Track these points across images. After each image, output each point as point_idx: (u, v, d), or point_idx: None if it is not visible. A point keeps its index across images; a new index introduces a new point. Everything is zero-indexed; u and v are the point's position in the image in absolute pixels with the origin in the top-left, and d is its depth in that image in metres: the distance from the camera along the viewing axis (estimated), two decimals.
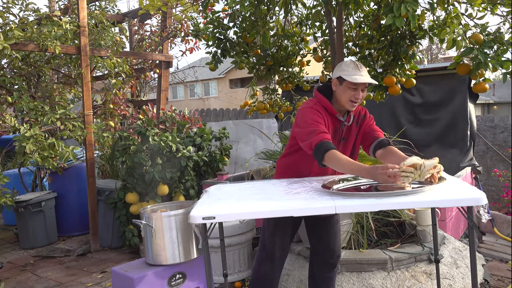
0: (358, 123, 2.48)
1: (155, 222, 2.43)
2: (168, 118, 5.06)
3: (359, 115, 2.49)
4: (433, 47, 27.54)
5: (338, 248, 2.59)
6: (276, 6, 3.63)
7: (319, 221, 2.55)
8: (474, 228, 1.89)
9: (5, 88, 5.04)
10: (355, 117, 2.46)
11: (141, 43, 6.33)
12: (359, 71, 2.29)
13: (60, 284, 3.86)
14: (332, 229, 2.55)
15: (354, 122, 2.46)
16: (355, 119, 2.46)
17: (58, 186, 5.31)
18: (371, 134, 2.45)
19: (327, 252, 2.57)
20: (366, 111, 2.54)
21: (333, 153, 2.13)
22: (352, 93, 2.29)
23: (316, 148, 2.16)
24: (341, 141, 2.45)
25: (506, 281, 3.45)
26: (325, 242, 2.57)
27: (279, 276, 2.55)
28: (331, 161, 2.13)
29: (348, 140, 2.47)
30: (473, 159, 5.06)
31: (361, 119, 2.49)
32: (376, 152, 2.40)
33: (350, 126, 2.45)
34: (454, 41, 2.82)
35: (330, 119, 2.37)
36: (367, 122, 2.49)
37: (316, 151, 2.16)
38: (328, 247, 2.56)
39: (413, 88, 4.99)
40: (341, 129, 2.42)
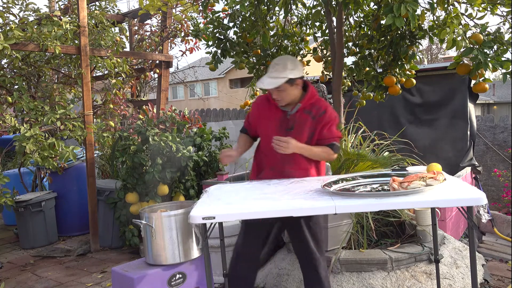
0: (315, 118, 2.49)
1: (155, 222, 2.43)
2: (168, 118, 5.06)
3: (317, 109, 2.50)
4: (433, 47, 27.53)
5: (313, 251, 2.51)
6: (276, 6, 3.64)
7: (289, 226, 2.56)
8: (474, 228, 1.89)
9: (5, 88, 5.04)
10: (311, 111, 2.49)
11: (141, 43, 6.32)
12: (267, 74, 2.44)
13: (60, 284, 3.86)
14: (303, 235, 2.50)
15: (310, 116, 2.48)
16: (311, 113, 2.49)
17: (58, 186, 5.31)
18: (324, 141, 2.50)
19: (303, 256, 2.55)
20: (327, 109, 2.53)
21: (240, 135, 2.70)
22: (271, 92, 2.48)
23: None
24: (289, 130, 2.49)
25: (506, 281, 3.45)
26: (298, 247, 2.56)
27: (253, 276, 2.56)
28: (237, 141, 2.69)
29: (301, 132, 2.48)
30: (473, 159, 5.06)
31: (319, 114, 2.49)
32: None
33: (300, 117, 2.49)
34: (454, 41, 2.82)
35: (273, 110, 2.54)
36: (325, 122, 2.49)
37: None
38: (302, 251, 2.54)
39: (413, 88, 4.99)
40: (287, 118, 2.50)
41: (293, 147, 2.37)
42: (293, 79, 2.41)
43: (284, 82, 2.38)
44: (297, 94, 2.49)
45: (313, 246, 2.49)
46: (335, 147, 2.51)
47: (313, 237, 2.50)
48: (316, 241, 2.51)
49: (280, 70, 2.40)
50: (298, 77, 2.44)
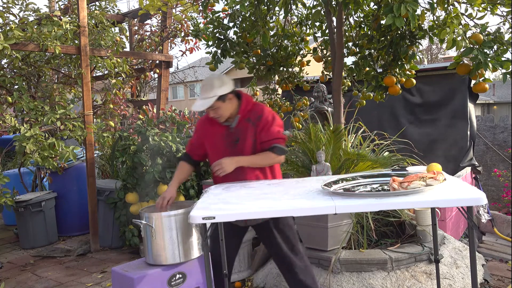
0: (254, 124, 2.52)
1: (155, 222, 2.43)
2: (168, 118, 5.06)
3: (255, 115, 2.53)
4: (433, 47, 27.54)
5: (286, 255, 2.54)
6: (276, 6, 3.64)
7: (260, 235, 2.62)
8: (474, 228, 1.89)
9: (5, 88, 5.04)
10: (250, 118, 2.53)
11: (141, 43, 6.32)
12: (199, 96, 2.48)
13: (60, 284, 3.86)
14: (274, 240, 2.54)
15: (250, 123, 2.52)
16: (250, 120, 2.52)
17: (58, 186, 5.31)
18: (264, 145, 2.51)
19: (277, 261, 2.59)
20: (263, 112, 2.55)
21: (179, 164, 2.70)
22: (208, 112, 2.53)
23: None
24: (236, 143, 2.53)
25: (506, 281, 3.45)
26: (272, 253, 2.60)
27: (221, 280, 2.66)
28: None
29: (245, 141, 2.52)
30: (473, 159, 5.06)
31: (257, 119, 2.52)
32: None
33: (243, 127, 2.52)
34: (454, 41, 2.82)
35: (215, 127, 2.59)
36: (262, 126, 2.51)
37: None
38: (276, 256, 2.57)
39: (413, 88, 4.99)
40: (231, 132, 2.55)
41: (230, 164, 2.42)
42: (223, 95, 2.45)
43: (215, 100, 2.42)
44: (233, 108, 2.53)
45: (286, 250, 2.52)
46: (276, 149, 2.49)
47: (285, 241, 2.53)
48: (288, 244, 2.53)
49: (209, 90, 2.44)
50: (228, 92, 2.48)
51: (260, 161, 2.49)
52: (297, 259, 2.54)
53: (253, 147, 2.52)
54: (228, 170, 2.42)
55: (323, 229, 3.23)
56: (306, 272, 2.55)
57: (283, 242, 2.53)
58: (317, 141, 3.64)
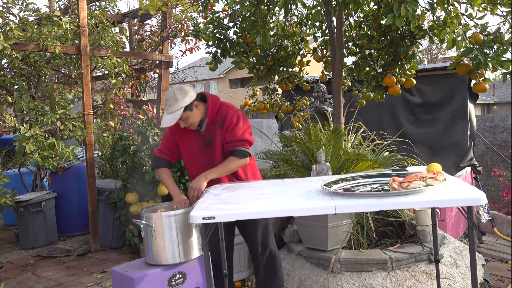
0: (221, 125, 2.58)
1: (155, 222, 2.43)
2: None
3: (221, 117, 2.59)
4: (433, 47, 27.53)
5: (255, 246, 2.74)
6: (276, 6, 3.63)
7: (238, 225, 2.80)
8: (474, 228, 1.89)
9: (5, 88, 5.04)
10: (217, 121, 2.59)
11: (141, 43, 6.32)
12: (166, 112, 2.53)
13: (60, 284, 3.86)
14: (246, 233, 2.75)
15: (217, 125, 2.58)
16: (217, 122, 2.59)
17: (58, 186, 5.31)
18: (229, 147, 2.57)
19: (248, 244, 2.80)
20: (228, 112, 2.59)
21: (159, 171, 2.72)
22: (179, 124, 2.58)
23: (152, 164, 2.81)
24: (208, 146, 2.61)
25: (506, 281, 3.45)
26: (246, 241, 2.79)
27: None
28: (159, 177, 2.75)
29: (215, 144, 2.60)
30: (473, 159, 5.06)
31: (223, 121, 2.59)
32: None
33: (212, 130, 2.59)
34: (454, 41, 2.82)
35: (188, 132, 2.64)
36: (226, 127, 2.57)
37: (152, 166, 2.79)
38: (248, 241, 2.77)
39: (413, 88, 4.99)
40: (202, 136, 2.62)
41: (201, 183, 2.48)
42: (188, 105, 2.50)
43: (182, 112, 2.47)
44: (201, 113, 2.59)
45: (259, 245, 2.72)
46: (237, 152, 2.54)
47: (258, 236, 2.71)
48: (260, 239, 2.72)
49: (173, 104, 2.48)
50: (192, 101, 2.52)
51: (226, 168, 2.54)
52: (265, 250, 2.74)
53: (222, 148, 2.59)
54: (202, 189, 2.48)
55: (323, 229, 3.23)
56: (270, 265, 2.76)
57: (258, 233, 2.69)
58: (317, 141, 3.64)
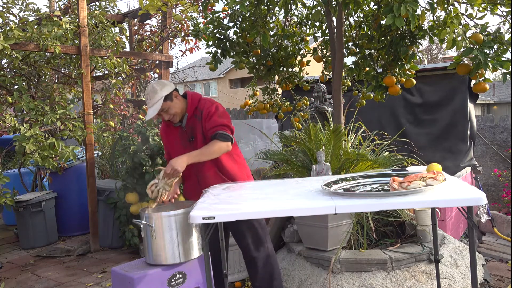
0: (201, 119, 2.62)
1: (155, 222, 2.43)
2: None
3: (200, 112, 2.63)
4: (433, 47, 27.53)
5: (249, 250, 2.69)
6: (276, 6, 3.63)
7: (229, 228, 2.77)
8: (474, 228, 1.89)
9: (5, 88, 5.04)
10: (196, 114, 2.64)
11: (141, 43, 6.32)
12: (148, 105, 2.56)
13: (60, 284, 3.87)
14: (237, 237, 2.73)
15: (197, 119, 2.63)
16: (197, 116, 2.63)
17: (58, 186, 5.31)
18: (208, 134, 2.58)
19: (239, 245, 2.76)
20: (205, 105, 2.64)
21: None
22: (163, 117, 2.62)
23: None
24: (191, 141, 2.65)
25: (506, 281, 3.45)
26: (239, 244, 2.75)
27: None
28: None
29: (197, 138, 2.64)
30: (473, 159, 5.06)
31: (201, 114, 2.63)
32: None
33: (193, 124, 2.64)
34: (454, 41, 2.82)
35: (173, 129, 2.71)
36: (205, 117, 2.61)
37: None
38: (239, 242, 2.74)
39: (413, 88, 4.99)
40: (185, 131, 2.67)
41: (181, 163, 2.43)
42: (168, 94, 2.56)
43: (162, 102, 2.53)
44: (183, 106, 2.63)
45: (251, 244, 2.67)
46: (219, 135, 2.53)
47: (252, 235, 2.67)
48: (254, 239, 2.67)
49: (153, 96, 2.54)
50: (171, 91, 2.58)
51: (208, 151, 2.51)
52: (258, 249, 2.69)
53: (203, 142, 2.60)
54: (180, 170, 2.43)
55: (323, 229, 3.23)
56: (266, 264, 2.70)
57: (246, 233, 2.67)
58: (317, 141, 3.64)
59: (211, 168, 2.64)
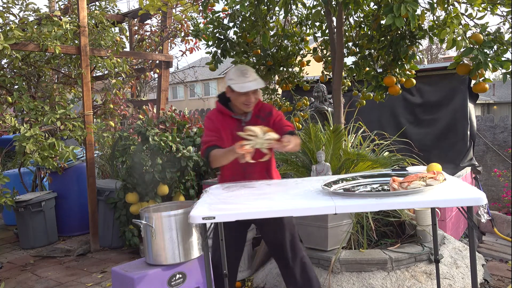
0: (264, 120, 2.56)
1: (155, 222, 2.43)
2: (168, 118, 5.06)
3: (264, 112, 2.58)
4: (433, 47, 27.53)
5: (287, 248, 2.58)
6: (276, 6, 3.63)
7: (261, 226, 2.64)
8: (474, 228, 1.89)
9: (5, 88, 5.04)
10: (260, 114, 2.58)
11: (141, 43, 6.32)
12: (245, 78, 2.43)
13: (60, 284, 3.87)
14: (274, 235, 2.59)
15: (260, 119, 2.56)
16: (260, 116, 2.57)
17: (58, 186, 5.31)
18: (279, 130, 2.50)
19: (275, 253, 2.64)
20: (272, 108, 2.62)
21: (212, 153, 2.42)
22: (243, 98, 2.47)
23: (204, 157, 2.49)
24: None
25: (506, 281, 3.45)
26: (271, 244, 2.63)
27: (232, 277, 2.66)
28: (214, 161, 2.43)
29: None
30: (473, 159, 5.06)
31: (267, 116, 2.58)
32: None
33: (253, 123, 2.54)
34: (454, 41, 2.82)
35: (228, 121, 2.57)
36: (274, 119, 2.56)
37: (205, 159, 2.49)
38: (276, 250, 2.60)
39: (413, 88, 4.99)
40: (242, 127, 2.53)
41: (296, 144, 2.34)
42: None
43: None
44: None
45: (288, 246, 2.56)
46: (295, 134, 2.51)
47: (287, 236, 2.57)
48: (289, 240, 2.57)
49: (253, 73, 2.48)
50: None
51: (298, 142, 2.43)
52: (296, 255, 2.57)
53: None
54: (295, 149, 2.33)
55: (323, 229, 3.23)
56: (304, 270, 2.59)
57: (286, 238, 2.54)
58: (317, 141, 3.64)
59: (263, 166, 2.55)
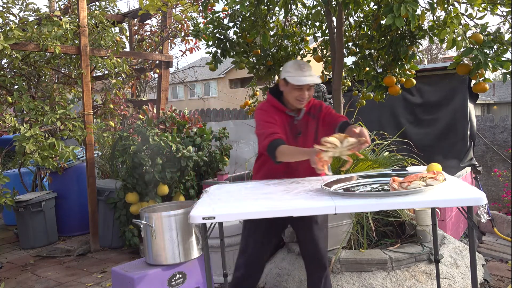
0: (315, 117, 2.50)
1: (155, 222, 2.44)
2: (168, 118, 5.06)
3: (315, 109, 2.52)
4: (433, 47, 27.52)
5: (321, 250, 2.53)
6: (276, 6, 3.63)
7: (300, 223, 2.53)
8: (474, 228, 1.89)
9: (5, 88, 5.04)
10: (310, 112, 2.50)
11: (141, 43, 6.32)
12: (301, 72, 2.35)
13: (60, 284, 3.87)
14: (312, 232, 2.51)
15: (310, 116, 2.50)
16: (310, 114, 2.50)
17: (58, 186, 5.31)
18: (331, 122, 2.46)
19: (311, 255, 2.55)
20: (322, 103, 2.56)
21: (281, 148, 2.26)
22: (297, 93, 2.38)
23: (268, 148, 2.30)
24: (298, 136, 2.48)
25: (506, 281, 3.45)
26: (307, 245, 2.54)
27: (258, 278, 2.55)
28: (282, 156, 2.27)
29: (307, 135, 2.50)
30: (473, 159, 5.06)
31: (317, 112, 2.51)
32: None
33: (305, 121, 2.50)
34: (454, 41, 2.82)
35: (281, 116, 2.45)
36: (324, 113, 2.50)
37: (269, 151, 2.31)
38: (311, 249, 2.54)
39: (413, 88, 4.99)
40: (295, 124, 2.48)
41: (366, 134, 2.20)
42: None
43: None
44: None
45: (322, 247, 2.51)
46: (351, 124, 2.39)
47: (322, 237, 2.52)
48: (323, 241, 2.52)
49: (310, 69, 2.39)
50: None
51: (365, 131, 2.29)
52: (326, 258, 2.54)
53: (314, 140, 2.48)
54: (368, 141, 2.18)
55: None
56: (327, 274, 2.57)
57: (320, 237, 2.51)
58: None
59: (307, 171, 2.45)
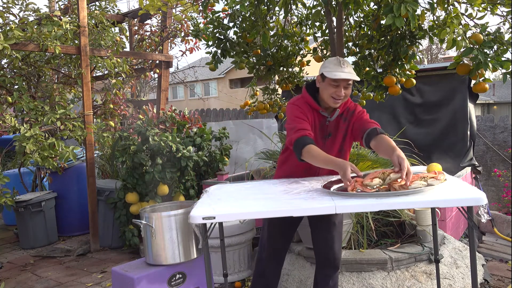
0: (347, 120, 2.42)
1: (155, 222, 2.44)
2: (168, 118, 5.06)
3: (348, 112, 2.43)
4: (433, 47, 27.53)
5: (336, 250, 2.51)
6: (276, 6, 3.63)
7: (318, 223, 2.52)
8: (474, 228, 1.89)
9: (5, 88, 5.04)
10: (343, 114, 2.42)
11: (141, 43, 6.32)
12: (340, 68, 2.27)
13: (60, 284, 3.87)
14: (329, 232, 2.49)
15: (342, 119, 2.42)
16: (343, 116, 2.42)
17: (58, 186, 5.31)
18: (360, 127, 2.37)
19: (324, 254, 2.53)
20: (357, 106, 2.46)
21: (309, 148, 2.19)
22: (333, 90, 2.30)
23: (295, 143, 2.23)
24: (327, 137, 2.41)
25: (506, 281, 3.45)
26: (322, 244, 2.52)
27: (279, 275, 2.56)
28: (308, 156, 2.19)
29: (336, 137, 2.43)
30: (473, 159, 5.06)
31: (349, 115, 2.42)
32: (370, 144, 2.31)
33: (336, 123, 2.42)
34: (454, 41, 2.82)
35: (314, 115, 2.38)
36: (356, 117, 2.41)
37: (295, 147, 2.24)
38: (325, 249, 2.51)
39: (413, 88, 4.99)
40: (326, 125, 2.41)
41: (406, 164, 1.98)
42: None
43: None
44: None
45: (338, 246, 2.50)
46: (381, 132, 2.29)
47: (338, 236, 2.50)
48: (339, 240, 2.51)
49: (351, 68, 2.31)
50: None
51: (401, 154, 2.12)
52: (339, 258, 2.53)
53: (341, 144, 2.43)
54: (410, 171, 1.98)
55: None
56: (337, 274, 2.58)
57: (336, 237, 2.49)
58: None
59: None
